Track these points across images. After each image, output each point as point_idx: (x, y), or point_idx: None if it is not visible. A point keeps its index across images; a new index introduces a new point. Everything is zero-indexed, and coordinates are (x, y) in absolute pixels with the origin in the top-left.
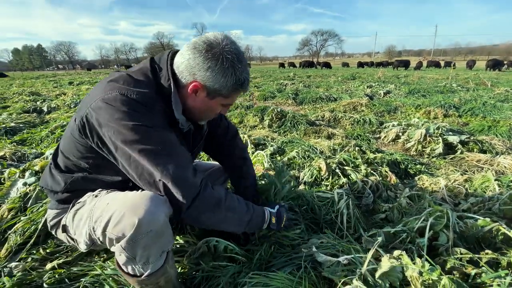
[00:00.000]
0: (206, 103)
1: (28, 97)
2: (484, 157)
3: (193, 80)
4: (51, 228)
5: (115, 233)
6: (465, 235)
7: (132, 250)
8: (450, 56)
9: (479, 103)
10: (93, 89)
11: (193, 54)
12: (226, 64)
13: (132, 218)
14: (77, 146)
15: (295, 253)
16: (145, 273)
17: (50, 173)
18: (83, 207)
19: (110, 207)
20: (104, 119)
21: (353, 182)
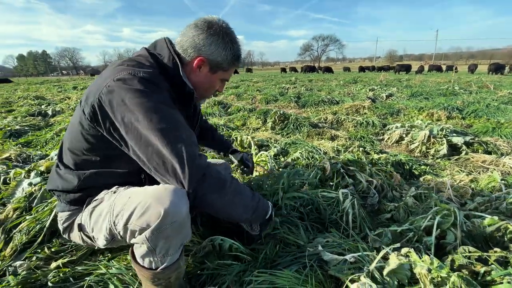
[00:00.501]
0: (209, 78)
1: (33, 101)
2: (490, 158)
3: (198, 55)
4: (63, 231)
5: (139, 224)
6: (473, 234)
7: (155, 241)
8: (452, 60)
9: (482, 105)
10: (99, 78)
11: (196, 32)
12: (226, 39)
13: (158, 208)
14: (87, 138)
15: (300, 252)
16: (162, 266)
17: (58, 174)
18: (101, 203)
19: (133, 200)
20: (117, 100)
21: (358, 182)
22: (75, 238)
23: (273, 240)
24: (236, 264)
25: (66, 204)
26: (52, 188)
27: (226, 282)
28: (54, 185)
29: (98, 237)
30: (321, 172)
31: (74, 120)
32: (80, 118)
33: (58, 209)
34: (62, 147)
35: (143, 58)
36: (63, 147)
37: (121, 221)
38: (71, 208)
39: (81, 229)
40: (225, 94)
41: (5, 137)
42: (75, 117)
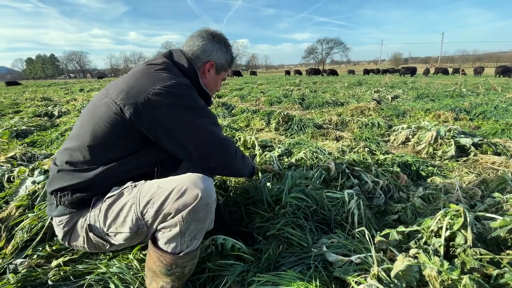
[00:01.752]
0: (215, 78)
1: (40, 102)
2: (499, 159)
3: (208, 60)
4: (64, 236)
5: (175, 206)
6: (484, 236)
7: (189, 223)
8: (458, 63)
9: (490, 107)
10: (134, 80)
11: (204, 41)
12: (226, 45)
13: (195, 191)
14: (119, 134)
15: (304, 253)
16: (186, 250)
17: (64, 174)
18: (121, 198)
19: (165, 186)
20: (170, 102)
21: (364, 183)
22: (78, 242)
23: (276, 240)
24: (238, 264)
25: (67, 207)
26: (56, 189)
27: (227, 282)
28: (58, 185)
29: (120, 231)
30: (326, 172)
31: (98, 118)
32: (112, 116)
33: (55, 213)
34: (71, 146)
35: (171, 68)
36: (74, 145)
37: (151, 209)
38: (72, 211)
39: (91, 229)
40: (229, 96)
41: (12, 137)
42: (100, 115)
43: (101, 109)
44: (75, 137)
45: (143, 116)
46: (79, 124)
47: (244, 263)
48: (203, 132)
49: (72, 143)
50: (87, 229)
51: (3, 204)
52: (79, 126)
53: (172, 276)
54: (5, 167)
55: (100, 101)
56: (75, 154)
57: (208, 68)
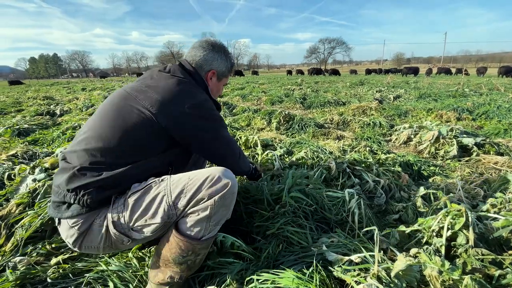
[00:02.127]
0: (217, 85)
1: (42, 101)
2: (502, 159)
3: (210, 69)
4: (77, 237)
5: (208, 192)
6: (486, 236)
7: (218, 207)
8: (460, 63)
9: (493, 107)
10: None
11: (205, 51)
12: (226, 53)
13: (226, 180)
14: (150, 138)
15: (304, 252)
16: (206, 235)
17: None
18: (150, 191)
19: (197, 177)
20: (200, 115)
21: (365, 182)
22: (93, 242)
23: (276, 239)
24: (238, 262)
25: (85, 206)
26: (78, 186)
27: (226, 280)
28: (80, 183)
29: (149, 223)
30: (327, 171)
31: (130, 123)
32: (146, 122)
33: (68, 214)
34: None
35: (192, 81)
36: (97, 146)
37: (184, 198)
38: (89, 211)
39: (115, 226)
40: (230, 95)
41: (13, 135)
42: (132, 120)
43: (131, 114)
44: (99, 138)
45: (178, 126)
46: (98, 125)
47: (243, 262)
48: (223, 139)
49: (95, 144)
50: (108, 227)
51: (4, 202)
52: (99, 128)
53: (184, 264)
54: (6, 165)
55: (129, 107)
56: (99, 154)
57: (211, 76)
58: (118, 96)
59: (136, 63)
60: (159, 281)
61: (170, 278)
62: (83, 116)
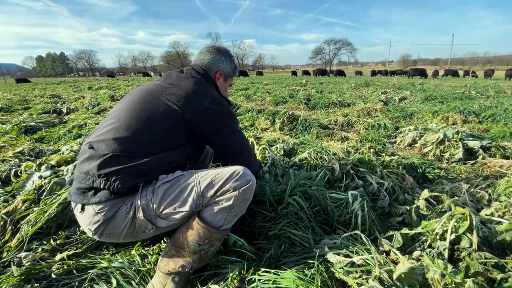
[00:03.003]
0: (224, 85)
1: (48, 99)
2: (507, 162)
3: (217, 70)
4: (100, 225)
5: (234, 185)
6: (490, 240)
7: (239, 200)
8: (468, 65)
9: (499, 110)
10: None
11: (212, 55)
12: (230, 56)
13: (249, 176)
14: (177, 132)
15: (306, 253)
16: (224, 226)
17: (118, 158)
18: (178, 182)
19: (223, 172)
20: (219, 114)
21: (368, 184)
22: (116, 229)
23: (278, 239)
24: (240, 261)
25: (114, 193)
26: (111, 171)
27: (228, 279)
28: (113, 168)
29: (178, 211)
30: (330, 172)
31: (157, 115)
32: (172, 115)
33: (95, 199)
34: (123, 136)
35: (207, 82)
36: (127, 135)
37: (211, 190)
38: (116, 197)
39: (144, 212)
40: (234, 95)
41: (20, 133)
42: (159, 113)
43: (158, 108)
44: (127, 128)
45: (199, 119)
46: (127, 116)
47: (245, 261)
48: (238, 134)
49: (124, 133)
50: (135, 213)
51: (10, 198)
52: (127, 118)
53: (197, 254)
54: (12, 162)
55: (156, 100)
56: (127, 143)
57: (218, 77)
58: (144, 91)
59: (142, 63)
60: (170, 269)
61: (181, 267)
62: (89, 114)
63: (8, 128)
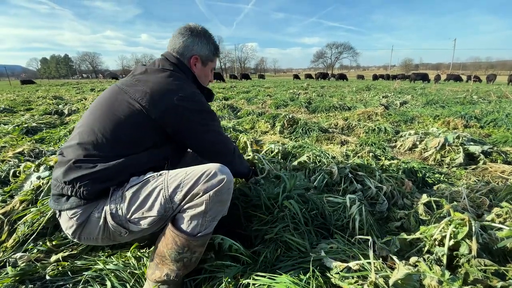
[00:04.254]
0: (203, 70)
1: (51, 100)
2: (509, 168)
3: (192, 55)
4: (76, 228)
5: (204, 187)
6: (490, 247)
7: (213, 203)
8: (470, 70)
9: (501, 115)
10: (159, 84)
11: (184, 37)
12: (207, 35)
13: (221, 175)
14: (144, 131)
15: (302, 257)
16: (202, 232)
17: (83, 163)
18: (146, 185)
19: (193, 172)
20: (190, 109)
21: (367, 188)
22: (91, 234)
23: (274, 243)
24: (235, 265)
25: (82, 198)
26: (74, 178)
27: (222, 283)
28: (76, 175)
29: (146, 216)
30: (328, 176)
31: (121, 116)
32: (136, 115)
33: (67, 206)
34: (87, 141)
35: (181, 73)
36: (90, 140)
37: (180, 192)
38: (86, 202)
39: (113, 217)
40: (236, 98)
41: (22, 133)
42: (123, 114)
43: (122, 107)
44: (91, 132)
45: (168, 118)
46: (91, 120)
47: (241, 265)
48: (214, 132)
49: (87, 138)
50: (106, 218)
51: (8, 198)
52: (91, 122)
53: (180, 262)
54: (12, 162)
55: (119, 100)
56: (92, 148)
57: (194, 62)
58: (109, 91)
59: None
60: (156, 278)
61: (166, 276)
62: None
63: (10, 128)
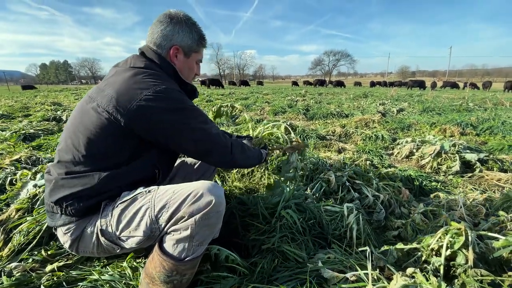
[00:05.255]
0: (186, 62)
1: (49, 106)
2: (505, 176)
3: (171, 45)
4: (71, 243)
5: (189, 211)
6: (486, 256)
7: (200, 227)
8: (466, 77)
9: (497, 122)
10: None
11: (162, 26)
12: (189, 23)
13: (209, 197)
14: (115, 141)
15: (299, 268)
16: (190, 256)
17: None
18: (135, 203)
19: (181, 192)
20: (161, 108)
21: (364, 197)
22: (87, 248)
23: (271, 254)
24: (232, 276)
25: (72, 215)
26: (60, 198)
27: None
28: (61, 195)
29: (133, 235)
30: (326, 184)
31: (92, 127)
32: (106, 124)
33: (60, 222)
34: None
35: (155, 68)
36: (68, 158)
37: (166, 213)
38: (78, 219)
39: (103, 234)
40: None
41: (19, 140)
42: (92, 124)
43: (91, 118)
44: (67, 149)
45: (138, 122)
46: (66, 136)
47: (237, 276)
48: (197, 131)
49: (66, 156)
50: (98, 234)
51: (4, 207)
52: (66, 138)
53: (170, 284)
54: (8, 170)
55: (88, 111)
56: (72, 165)
57: (175, 53)
58: (81, 102)
59: None
60: None
61: None
62: None
63: (7, 135)
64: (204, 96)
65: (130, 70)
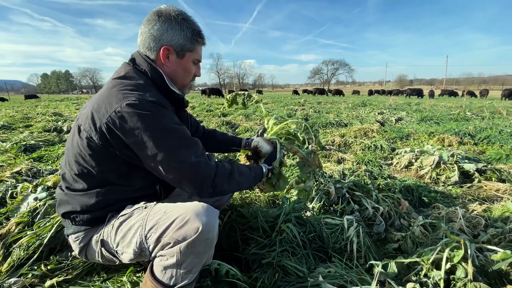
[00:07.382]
0: (180, 64)
1: (50, 117)
2: (504, 186)
3: (161, 46)
4: (80, 251)
5: (175, 237)
6: (486, 269)
7: (186, 255)
8: (463, 85)
9: (495, 131)
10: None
11: (150, 25)
12: (179, 19)
13: (196, 223)
14: (99, 160)
15: (300, 282)
16: (180, 284)
17: (70, 197)
18: (130, 218)
19: (171, 213)
20: (131, 123)
21: (364, 209)
22: (93, 256)
23: (272, 268)
24: None
25: (81, 225)
26: (66, 211)
27: None
28: (67, 209)
29: (125, 251)
30: (326, 196)
31: (78, 146)
32: (88, 142)
33: (71, 231)
34: (64, 174)
35: (135, 77)
36: (66, 174)
37: (154, 234)
38: (87, 228)
39: (103, 245)
40: (234, 114)
41: (20, 151)
42: (78, 143)
43: (75, 137)
44: (65, 166)
45: (110, 139)
46: (65, 152)
47: None
48: (168, 157)
49: (64, 170)
50: (100, 244)
51: (4, 220)
52: (65, 155)
53: None
54: (9, 182)
55: (74, 129)
56: (71, 181)
57: (166, 54)
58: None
59: None
60: None
61: None
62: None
63: (8, 146)
64: (204, 105)
65: (111, 82)
